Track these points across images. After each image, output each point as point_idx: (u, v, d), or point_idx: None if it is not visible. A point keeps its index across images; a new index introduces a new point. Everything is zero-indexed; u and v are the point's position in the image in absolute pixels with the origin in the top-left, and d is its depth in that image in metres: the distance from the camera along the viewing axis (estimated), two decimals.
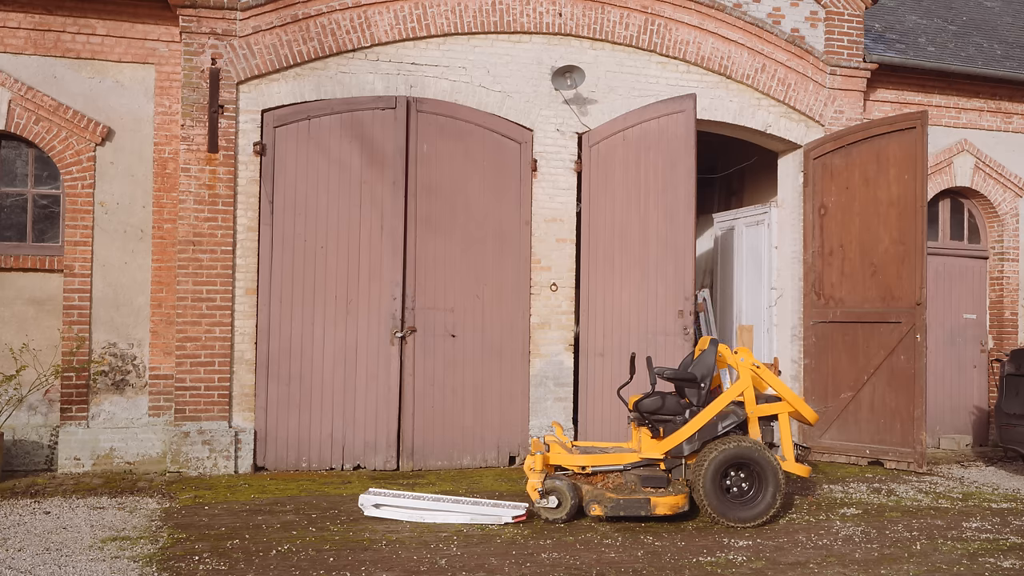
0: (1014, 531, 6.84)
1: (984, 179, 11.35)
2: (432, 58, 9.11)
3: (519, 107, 9.31)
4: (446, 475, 8.68)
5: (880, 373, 9.42)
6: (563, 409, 9.32)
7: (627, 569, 5.59)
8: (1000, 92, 11.35)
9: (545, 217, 9.37)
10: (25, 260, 8.61)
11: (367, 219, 8.88)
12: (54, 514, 6.78)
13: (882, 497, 8.01)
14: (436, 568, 5.52)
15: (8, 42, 8.56)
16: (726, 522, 6.69)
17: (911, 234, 9.24)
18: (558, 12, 9.39)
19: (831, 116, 10.36)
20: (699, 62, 9.85)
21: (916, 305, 9.15)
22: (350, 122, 8.86)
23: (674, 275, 9.25)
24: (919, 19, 12.65)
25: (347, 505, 7.20)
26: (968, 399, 11.44)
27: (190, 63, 8.50)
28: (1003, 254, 11.47)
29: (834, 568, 5.70)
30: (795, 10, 10.27)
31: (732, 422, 6.97)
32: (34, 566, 5.43)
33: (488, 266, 9.21)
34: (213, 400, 8.46)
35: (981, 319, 11.54)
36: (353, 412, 8.78)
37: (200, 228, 8.49)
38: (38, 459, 8.56)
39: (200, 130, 8.50)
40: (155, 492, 7.63)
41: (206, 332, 8.46)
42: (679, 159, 9.24)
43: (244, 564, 5.52)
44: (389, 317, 8.88)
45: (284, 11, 8.71)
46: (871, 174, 9.63)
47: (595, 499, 6.68)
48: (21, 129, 8.55)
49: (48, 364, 8.61)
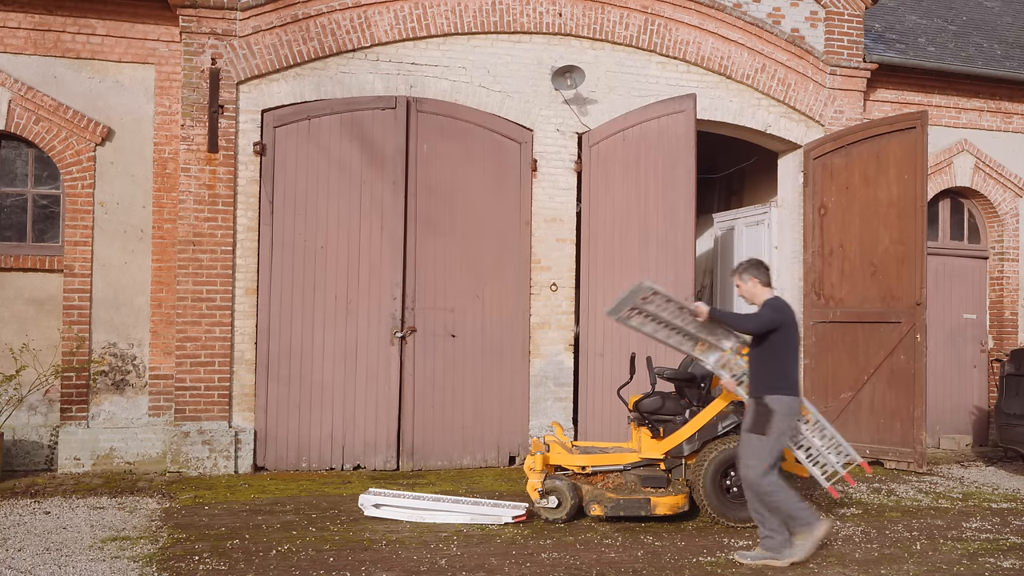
0: (1014, 531, 6.84)
1: (984, 179, 11.35)
2: (432, 58, 9.11)
3: (519, 107, 9.31)
4: (446, 475, 8.68)
5: (880, 373, 9.42)
6: (563, 409, 9.31)
7: (627, 569, 5.59)
8: (1000, 92, 11.35)
9: (545, 217, 9.37)
10: (25, 260, 8.61)
11: (367, 219, 8.88)
12: (54, 514, 6.78)
13: (882, 497, 8.01)
14: (436, 568, 5.52)
15: (8, 42, 8.55)
16: (726, 522, 6.69)
17: (911, 234, 9.24)
18: (558, 12, 9.39)
19: (831, 116, 10.36)
20: (699, 62, 9.85)
21: (916, 305, 9.15)
22: (350, 122, 8.86)
23: (674, 275, 9.24)
24: (919, 19, 12.65)
25: (347, 505, 7.20)
26: (968, 399, 11.43)
27: (190, 63, 8.50)
28: (1003, 254, 11.47)
29: (834, 568, 5.70)
30: (795, 10, 10.27)
31: (732, 422, 6.96)
32: (34, 566, 5.43)
33: (488, 266, 9.21)
34: (213, 400, 8.46)
35: (981, 319, 11.54)
36: (353, 412, 8.78)
37: (200, 228, 8.49)
38: (38, 459, 8.56)
39: (200, 130, 8.50)
40: (155, 492, 7.63)
41: (206, 332, 8.46)
42: (679, 159, 9.24)
43: (244, 564, 5.52)
44: (389, 317, 8.88)
45: (284, 11, 8.71)
46: (871, 174, 9.63)
47: (595, 499, 6.68)
48: (21, 129, 8.55)
49: (48, 364, 8.61)
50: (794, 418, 5.88)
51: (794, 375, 5.84)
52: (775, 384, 5.76)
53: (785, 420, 5.74)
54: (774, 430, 5.71)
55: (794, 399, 5.81)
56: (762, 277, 5.95)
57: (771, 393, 5.75)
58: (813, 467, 6.41)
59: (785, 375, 5.78)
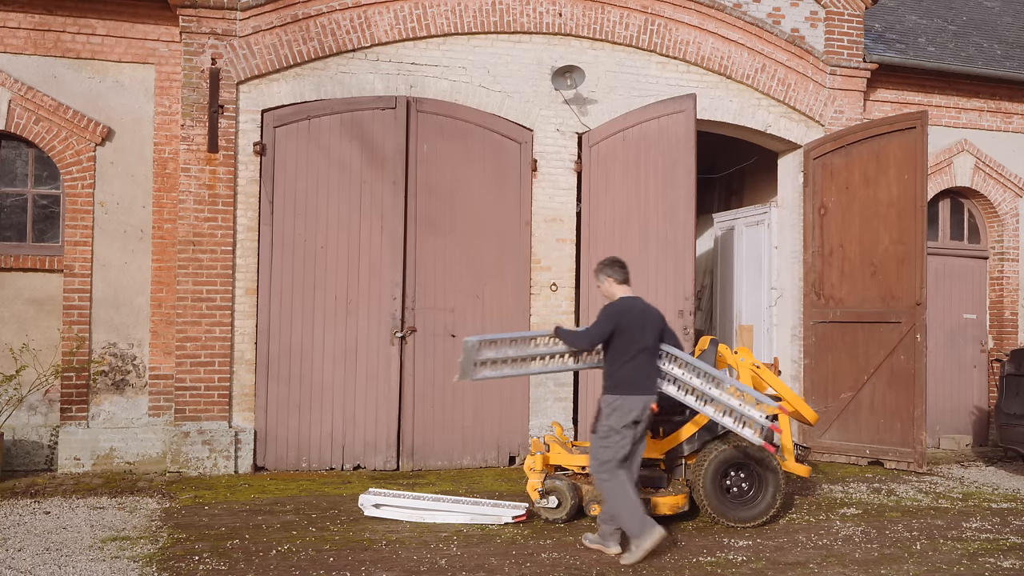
0: (1014, 531, 6.84)
1: (984, 179, 11.35)
2: (432, 58, 9.11)
3: (519, 107, 9.31)
4: (446, 475, 8.68)
5: (880, 373, 9.42)
6: (563, 409, 9.31)
7: (627, 569, 5.59)
8: (1000, 92, 11.35)
9: (545, 217, 9.37)
10: (25, 260, 8.61)
11: (367, 219, 8.88)
12: (54, 514, 6.78)
13: (882, 497, 8.01)
14: (436, 568, 5.52)
15: (8, 42, 8.55)
16: (726, 522, 6.69)
17: (911, 234, 9.24)
18: (558, 12, 9.39)
19: (831, 116, 10.36)
20: (699, 62, 9.85)
21: (916, 305, 9.15)
22: (350, 122, 8.86)
23: (674, 275, 9.24)
24: (919, 19, 12.65)
25: (347, 505, 7.20)
26: (968, 399, 11.43)
27: (190, 63, 8.50)
28: (1003, 254, 11.47)
29: (834, 568, 5.70)
30: (795, 10, 10.27)
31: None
32: (34, 566, 5.43)
33: (488, 266, 9.21)
34: (213, 400, 8.46)
35: (981, 319, 11.54)
36: (353, 412, 8.78)
37: (200, 228, 8.49)
38: (38, 459, 8.56)
39: (200, 130, 8.50)
40: (155, 492, 7.63)
41: (206, 332, 8.46)
42: (679, 159, 9.23)
43: (244, 564, 5.52)
44: (389, 317, 8.88)
45: (284, 11, 8.71)
46: (871, 174, 9.63)
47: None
48: (21, 129, 8.55)
49: (48, 364, 8.61)
50: (626, 416, 5.88)
51: (628, 374, 5.95)
52: (606, 383, 6.02)
53: (612, 418, 5.89)
54: (601, 428, 5.92)
55: (619, 398, 5.90)
56: (617, 276, 6.12)
57: (604, 392, 6.02)
58: (743, 429, 6.33)
59: (612, 375, 5.99)
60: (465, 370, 6.35)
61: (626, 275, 6.15)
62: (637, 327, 5.98)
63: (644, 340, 6.00)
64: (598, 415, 6.01)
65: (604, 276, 6.16)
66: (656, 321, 6.13)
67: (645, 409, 5.94)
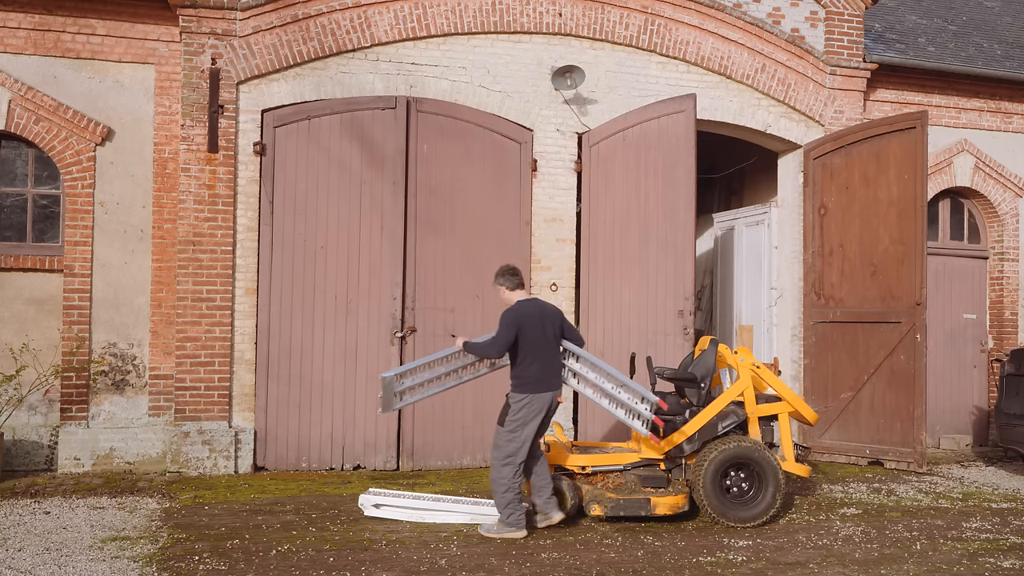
0: (1014, 531, 6.84)
1: (984, 179, 11.35)
2: (432, 58, 9.11)
3: (519, 107, 9.31)
4: (446, 475, 8.68)
5: (880, 373, 9.42)
6: (563, 409, 9.31)
7: (627, 569, 5.60)
8: (1000, 92, 11.35)
9: (545, 217, 9.37)
10: (25, 260, 8.61)
11: (367, 219, 8.88)
12: (54, 514, 6.78)
13: (882, 497, 8.01)
14: (436, 568, 5.52)
15: (8, 42, 8.55)
16: (726, 522, 6.69)
17: (911, 234, 9.24)
18: (558, 12, 9.39)
19: (831, 116, 10.37)
20: (699, 62, 9.85)
21: (916, 305, 9.15)
22: (350, 122, 8.86)
23: (674, 275, 9.24)
24: (919, 19, 12.65)
25: (347, 505, 7.21)
26: (968, 399, 11.44)
27: (190, 63, 8.50)
28: (1003, 254, 11.47)
29: (834, 568, 5.71)
30: (795, 10, 10.27)
31: (732, 422, 6.98)
32: (34, 566, 5.43)
33: (488, 266, 9.17)
34: (213, 400, 8.46)
35: (981, 319, 11.54)
36: (353, 412, 8.78)
37: (200, 228, 8.49)
38: (38, 459, 8.56)
39: (200, 130, 8.50)
40: (155, 492, 7.63)
41: (206, 332, 8.46)
42: (679, 159, 9.24)
43: (244, 564, 5.52)
44: (389, 317, 8.88)
45: (284, 11, 8.71)
46: (871, 174, 9.63)
47: (595, 499, 6.68)
48: (21, 129, 8.55)
49: (48, 364, 8.61)
50: (534, 411, 6.32)
51: (535, 373, 6.35)
52: (515, 382, 6.42)
53: (521, 414, 6.30)
54: (510, 423, 6.32)
55: (527, 396, 6.31)
56: (508, 283, 6.53)
57: (512, 390, 6.41)
58: (634, 421, 6.54)
59: (520, 375, 6.38)
60: (387, 403, 6.60)
61: (518, 280, 6.55)
62: (538, 327, 6.39)
63: (546, 338, 6.41)
64: (506, 410, 6.37)
65: (498, 285, 6.56)
66: (554, 318, 6.52)
67: (552, 403, 6.40)
